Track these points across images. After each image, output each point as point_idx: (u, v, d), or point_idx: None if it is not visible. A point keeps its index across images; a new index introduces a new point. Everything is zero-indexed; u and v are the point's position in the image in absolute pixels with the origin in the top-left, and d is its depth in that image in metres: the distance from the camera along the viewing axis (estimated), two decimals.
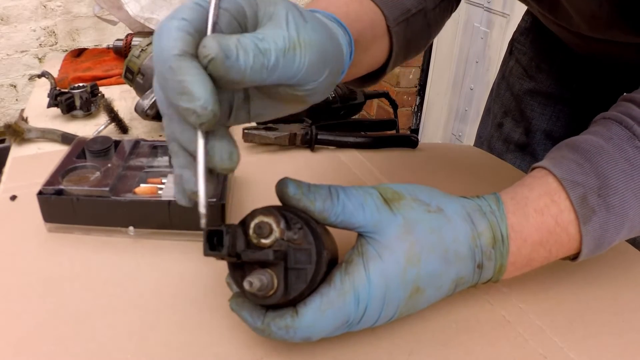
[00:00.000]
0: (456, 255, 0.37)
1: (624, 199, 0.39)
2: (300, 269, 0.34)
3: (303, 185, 0.36)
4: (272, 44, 0.29)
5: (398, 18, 0.50)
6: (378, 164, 0.70)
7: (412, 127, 2.49)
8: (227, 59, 0.27)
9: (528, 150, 0.82)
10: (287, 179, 0.36)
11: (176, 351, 0.38)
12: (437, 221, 0.37)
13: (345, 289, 0.35)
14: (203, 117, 0.28)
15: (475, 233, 0.38)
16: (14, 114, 2.09)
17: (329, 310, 0.34)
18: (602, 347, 0.41)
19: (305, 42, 0.30)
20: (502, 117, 0.85)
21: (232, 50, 0.27)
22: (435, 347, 0.40)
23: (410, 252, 0.36)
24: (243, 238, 0.34)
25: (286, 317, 0.34)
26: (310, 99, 0.34)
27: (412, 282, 0.36)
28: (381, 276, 0.35)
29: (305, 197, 0.35)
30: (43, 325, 0.40)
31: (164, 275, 0.46)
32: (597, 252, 0.41)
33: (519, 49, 0.83)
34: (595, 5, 0.52)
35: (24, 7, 2.00)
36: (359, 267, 0.35)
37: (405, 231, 0.36)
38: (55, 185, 0.50)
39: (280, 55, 0.29)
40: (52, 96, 0.83)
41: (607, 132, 0.41)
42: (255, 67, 0.28)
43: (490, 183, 0.67)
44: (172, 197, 0.50)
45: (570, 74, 0.77)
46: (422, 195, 0.38)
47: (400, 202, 0.37)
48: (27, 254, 0.49)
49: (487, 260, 0.38)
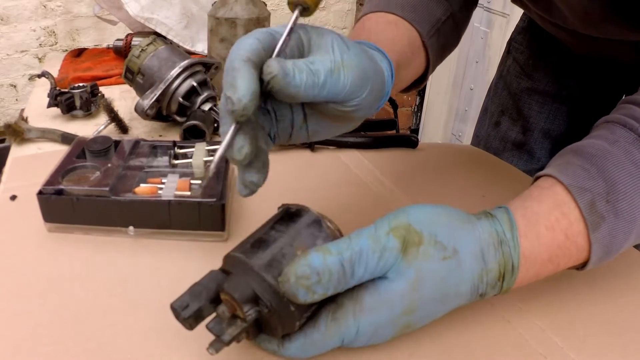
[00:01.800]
0: (456, 295, 0.37)
1: (632, 203, 0.38)
2: (270, 329, 0.36)
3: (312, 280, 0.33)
4: (320, 66, 0.34)
5: (430, 31, 0.53)
6: (378, 164, 0.70)
7: (412, 127, 2.49)
8: (285, 76, 0.33)
9: (525, 149, 0.82)
10: (295, 283, 0.33)
11: (176, 351, 0.38)
12: (448, 269, 0.36)
13: (330, 335, 0.35)
14: (236, 106, 0.32)
15: (484, 271, 0.37)
16: (14, 113, 2.09)
17: (311, 349, 0.36)
18: (602, 347, 0.41)
19: (347, 64, 0.35)
20: (499, 116, 0.85)
21: (289, 70, 0.33)
22: (436, 347, 0.40)
23: (409, 308, 0.35)
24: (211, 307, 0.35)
25: (273, 343, 0.37)
26: (356, 115, 0.38)
27: (403, 324, 0.37)
28: (370, 326, 0.35)
29: (317, 294, 0.33)
30: (43, 325, 0.40)
31: (164, 275, 0.46)
32: (605, 260, 0.40)
33: (516, 48, 0.83)
34: (587, 2, 0.53)
35: (24, 7, 1.99)
36: (349, 315, 0.35)
37: (413, 289, 0.35)
38: (55, 185, 0.50)
39: (328, 75, 0.34)
40: (52, 96, 0.83)
41: (612, 136, 0.40)
42: (308, 84, 0.34)
43: (490, 183, 0.67)
44: (172, 197, 0.50)
45: (567, 73, 0.77)
46: (442, 233, 0.36)
47: (418, 249, 0.35)
48: (27, 254, 0.49)
49: (491, 289, 0.38)
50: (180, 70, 0.76)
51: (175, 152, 0.58)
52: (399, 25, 0.51)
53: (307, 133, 0.40)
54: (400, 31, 0.51)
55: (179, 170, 0.56)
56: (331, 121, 0.39)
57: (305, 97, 0.34)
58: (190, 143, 0.59)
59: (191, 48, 1.12)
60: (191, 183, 0.53)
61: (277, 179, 0.37)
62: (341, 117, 0.38)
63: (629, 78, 0.67)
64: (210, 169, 0.35)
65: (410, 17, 0.52)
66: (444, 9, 0.55)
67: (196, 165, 0.55)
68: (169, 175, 0.54)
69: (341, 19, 2.64)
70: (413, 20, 0.52)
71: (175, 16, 1.10)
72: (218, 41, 0.91)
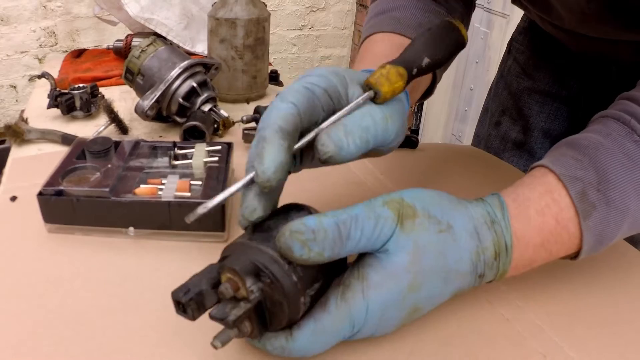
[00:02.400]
0: (457, 274, 0.37)
1: (624, 193, 0.38)
2: (277, 308, 0.34)
3: (307, 236, 0.32)
4: (371, 123, 0.37)
5: None
6: (378, 164, 0.70)
7: (412, 127, 2.49)
8: (340, 150, 0.35)
9: (525, 149, 0.82)
10: (292, 238, 0.32)
11: (176, 351, 0.38)
12: (445, 243, 0.36)
13: (341, 316, 0.34)
14: (260, 178, 0.33)
15: (480, 249, 0.37)
16: (14, 114, 2.09)
17: (321, 335, 0.35)
18: (602, 346, 0.41)
19: (391, 115, 0.38)
20: (499, 116, 0.86)
21: (343, 143, 0.35)
22: (436, 346, 0.40)
23: (414, 282, 0.35)
24: (213, 293, 0.34)
25: (281, 338, 0.35)
26: (388, 151, 0.41)
27: (411, 305, 0.36)
28: (380, 305, 0.35)
29: (313, 252, 0.33)
30: (43, 325, 0.40)
31: (164, 275, 0.47)
32: (597, 249, 0.40)
33: (517, 48, 0.83)
34: (584, 2, 0.53)
35: (24, 7, 2.00)
36: (358, 294, 0.35)
37: (413, 260, 0.35)
38: (56, 186, 0.50)
39: (380, 130, 0.37)
40: (52, 97, 0.83)
41: (606, 129, 0.41)
42: (361, 147, 0.36)
43: (490, 183, 0.67)
44: (172, 198, 0.50)
45: (568, 73, 0.77)
46: (435, 210, 0.37)
47: (414, 221, 0.36)
48: (27, 255, 0.49)
49: (488, 270, 0.38)
50: (180, 71, 0.76)
51: (175, 152, 0.58)
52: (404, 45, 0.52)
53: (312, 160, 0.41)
54: None
55: (179, 171, 0.56)
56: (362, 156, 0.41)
57: (357, 156, 0.37)
58: (190, 144, 0.60)
59: (191, 49, 1.13)
60: (191, 184, 0.53)
61: None
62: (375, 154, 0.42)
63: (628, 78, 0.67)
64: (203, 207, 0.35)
65: None
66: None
67: (196, 165, 0.55)
68: (169, 176, 0.54)
69: (341, 19, 2.65)
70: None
71: (175, 17, 1.10)
72: (218, 42, 0.91)
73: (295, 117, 0.35)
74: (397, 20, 0.54)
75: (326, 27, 2.63)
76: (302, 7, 2.54)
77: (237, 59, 0.91)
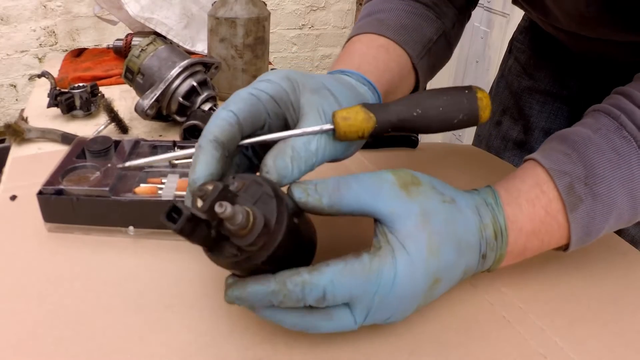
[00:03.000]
0: (467, 246, 0.38)
1: (610, 187, 0.39)
2: (264, 200, 0.33)
3: (309, 185, 0.35)
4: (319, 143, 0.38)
5: (421, 52, 0.54)
6: (378, 163, 0.70)
7: None
8: (283, 179, 0.36)
9: (526, 148, 0.82)
10: (292, 184, 0.36)
11: (176, 351, 0.38)
12: (451, 212, 0.37)
13: (372, 268, 0.34)
14: (190, 187, 0.35)
15: (482, 225, 0.39)
16: (14, 114, 2.09)
17: (349, 277, 0.33)
18: (602, 347, 0.41)
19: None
20: (500, 115, 0.86)
21: (287, 169, 0.36)
22: (436, 347, 0.40)
23: (431, 243, 0.36)
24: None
25: (302, 273, 0.33)
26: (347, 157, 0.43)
27: (433, 273, 0.36)
28: (407, 268, 0.35)
29: (311, 197, 0.35)
30: (43, 325, 0.40)
31: (164, 275, 0.46)
32: (586, 240, 0.42)
33: (518, 48, 0.83)
34: (583, 6, 0.53)
35: (24, 7, 1.99)
36: (388, 255, 0.35)
37: (423, 221, 0.36)
38: (55, 185, 0.50)
39: (327, 146, 0.38)
40: (52, 96, 0.83)
41: (596, 124, 0.42)
42: (306, 170, 0.37)
43: (490, 182, 0.67)
44: (172, 197, 0.50)
45: (568, 73, 0.77)
46: (438, 185, 0.39)
47: (418, 188, 0.37)
48: (27, 254, 0.49)
49: (490, 250, 0.39)
50: (180, 70, 0.76)
51: (176, 152, 0.58)
52: (390, 50, 0.52)
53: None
54: (390, 57, 0.51)
55: (179, 171, 0.56)
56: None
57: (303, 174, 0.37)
58: (190, 143, 0.59)
59: (191, 48, 1.12)
60: None
61: None
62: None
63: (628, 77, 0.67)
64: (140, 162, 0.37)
65: (401, 39, 0.52)
66: (436, 28, 0.55)
67: None
68: (169, 175, 0.54)
69: (341, 19, 2.65)
70: (404, 42, 0.52)
71: (175, 16, 1.10)
72: (218, 41, 0.91)
73: (233, 126, 0.36)
74: (380, 21, 0.53)
75: (326, 26, 2.63)
76: (302, 6, 2.54)
77: (237, 58, 0.91)
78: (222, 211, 0.30)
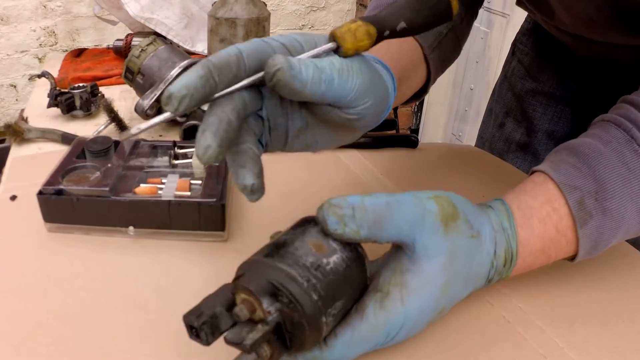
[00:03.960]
0: (476, 276, 0.38)
1: (620, 202, 0.39)
2: (297, 330, 0.32)
3: (345, 212, 0.33)
4: (328, 64, 0.33)
5: (432, 44, 0.53)
6: (378, 164, 0.70)
7: (412, 127, 2.49)
8: (291, 69, 0.31)
9: (529, 150, 0.82)
10: (325, 207, 0.33)
11: (176, 351, 0.38)
12: (474, 248, 0.37)
13: (379, 325, 0.34)
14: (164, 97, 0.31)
15: (495, 256, 0.38)
16: (14, 114, 2.09)
17: (358, 344, 0.34)
18: (602, 347, 0.41)
19: (356, 68, 0.34)
20: (503, 117, 0.85)
21: (295, 64, 0.31)
22: (436, 347, 0.40)
23: (447, 284, 0.36)
24: (228, 316, 0.32)
25: (314, 350, 0.33)
26: (358, 124, 0.36)
27: (440, 307, 0.36)
28: (417, 310, 0.35)
29: (348, 227, 0.32)
30: (43, 325, 0.40)
31: (164, 275, 0.46)
32: (593, 253, 0.42)
33: (521, 50, 0.83)
34: (592, 10, 0.53)
35: (24, 7, 1.99)
36: (397, 302, 0.34)
37: (449, 262, 0.35)
38: (55, 185, 0.50)
39: (336, 74, 0.33)
40: (52, 96, 0.83)
41: (606, 135, 0.41)
42: (315, 79, 0.32)
43: (490, 183, 0.67)
44: (172, 197, 0.50)
45: (572, 75, 0.76)
46: (470, 214, 0.37)
47: (456, 223, 0.36)
48: (27, 254, 0.49)
49: (497, 275, 0.40)
50: (180, 70, 0.76)
51: (175, 152, 0.58)
52: (402, 40, 0.50)
53: (306, 143, 0.39)
54: (402, 46, 0.51)
55: (179, 171, 0.56)
56: (331, 131, 0.38)
57: (311, 95, 0.32)
58: (190, 143, 0.59)
59: (191, 48, 1.12)
60: (191, 183, 0.53)
61: (277, 179, 0.37)
62: (342, 126, 0.37)
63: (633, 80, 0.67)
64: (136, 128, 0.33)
65: None
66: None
67: (196, 165, 0.55)
68: (169, 175, 0.54)
69: (341, 19, 2.64)
70: None
71: (175, 16, 1.10)
72: (218, 41, 0.91)
73: (231, 56, 0.32)
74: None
75: (326, 26, 2.63)
76: (302, 6, 2.54)
77: None
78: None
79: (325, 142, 0.39)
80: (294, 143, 0.38)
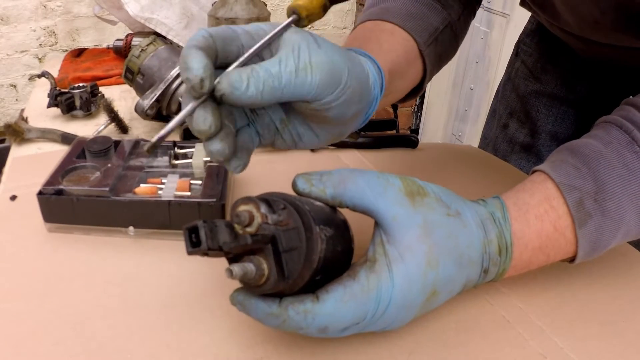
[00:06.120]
0: (469, 260, 0.38)
1: (620, 204, 0.39)
2: (293, 250, 0.33)
3: (313, 176, 0.36)
4: (282, 68, 0.34)
5: (428, 40, 0.53)
6: (378, 164, 0.70)
7: (412, 127, 2.49)
8: (236, 90, 0.33)
9: (533, 151, 0.82)
10: (297, 175, 0.37)
11: (176, 351, 0.38)
12: (455, 226, 0.37)
13: (370, 286, 0.34)
14: (192, 81, 0.32)
15: (486, 240, 0.38)
16: (14, 114, 2.09)
17: (350, 302, 0.34)
18: (602, 347, 0.41)
19: (315, 63, 0.34)
20: (507, 118, 0.85)
21: (239, 84, 0.33)
22: (436, 347, 0.40)
23: (430, 255, 0.36)
24: (227, 230, 0.33)
25: (306, 302, 0.34)
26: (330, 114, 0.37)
27: (431, 285, 0.36)
28: (404, 279, 0.35)
29: (315, 187, 0.36)
30: (43, 325, 0.40)
31: (164, 275, 0.46)
32: (593, 254, 0.42)
33: (524, 51, 0.83)
34: (598, 13, 0.53)
35: (24, 7, 1.99)
36: (384, 267, 0.35)
37: (425, 233, 0.36)
38: (55, 185, 0.50)
39: (291, 76, 0.34)
40: (52, 96, 0.83)
41: (607, 137, 0.42)
42: (266, 90, 0.33)
43: (490, 183, 0.67)
44: (172, 197, 0.50)
45: (576, 76, 0.76)
46: (445, 197, 0.38)
47: (423, 199, 0.37)
48: (27, 254, 0.49)
49: (492, 266, 0.39)
50: (180, 70, 0.76)
51: (176, 152, 0.58)
52: (395, 34, 0.51)
53: (292, 137, 0.40)
54: (395, 39, 0.51)
55: (179, 171, 0.56)
56: (311, 122, 0.39)
57: (268, 102, 0.34)
58: (190, 143, 0.59)
59: None
60: (191, 183, 0.53)
61: (277, 179, 0.37)
62: (318, 117, 0.38)
63: (637, 83, 0.67)
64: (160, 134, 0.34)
65: (407, 25, 0.52)
66: (442, 18, 0.55)
67: (196, 165, 0.55)
68: (169, 175, 0.54)
69: (341, 19, 2.64)
70: (410, 28, 0.52)
71: (175, 16, 1.10)
72: None
73: (208, 39, 0.34)
74: (386, 9, 0.53)
75: (326, 26, 2.63)
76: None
77: None
78: (231, 276, 0.32)
79: (310, 137, 0.40)
80: (284, 136, 0.40)
